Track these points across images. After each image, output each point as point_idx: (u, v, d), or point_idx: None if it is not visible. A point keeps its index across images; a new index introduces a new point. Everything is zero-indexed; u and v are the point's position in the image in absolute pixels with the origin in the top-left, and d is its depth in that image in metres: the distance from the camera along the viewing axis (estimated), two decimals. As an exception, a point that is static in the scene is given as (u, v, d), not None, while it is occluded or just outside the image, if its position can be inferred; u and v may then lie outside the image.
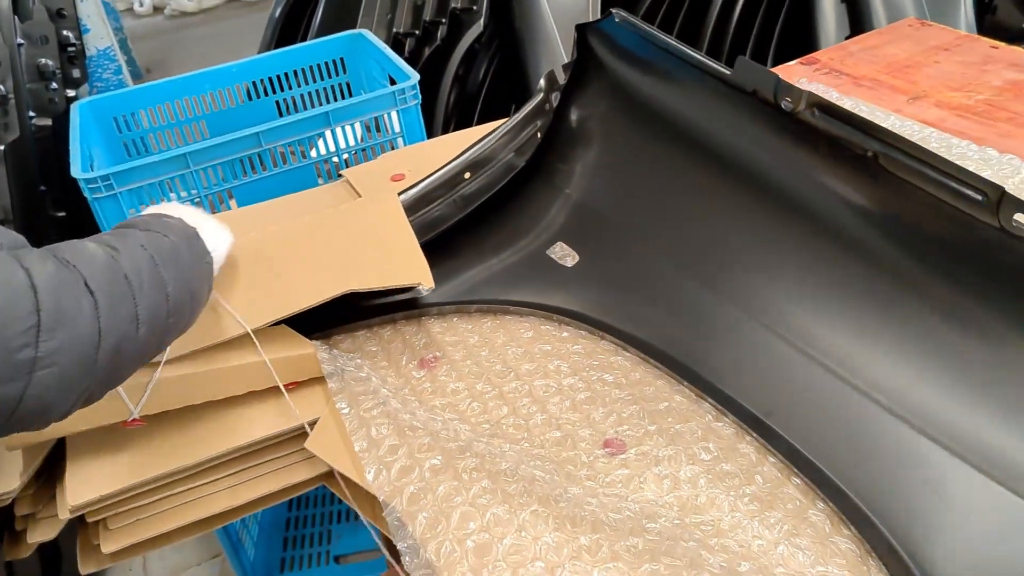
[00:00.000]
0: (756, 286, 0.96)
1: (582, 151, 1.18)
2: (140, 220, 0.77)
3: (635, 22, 1.09)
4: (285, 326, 0.93)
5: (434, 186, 1.09)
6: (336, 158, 1.44)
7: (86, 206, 1.29)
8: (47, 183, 1.61)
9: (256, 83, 1.66)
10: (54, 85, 1.67)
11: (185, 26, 4.97)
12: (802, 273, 0.93)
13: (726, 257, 1.00)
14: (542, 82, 1.16)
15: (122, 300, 0.65)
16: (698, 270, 1.01)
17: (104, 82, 2.01)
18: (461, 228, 1.11)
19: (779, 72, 1.03)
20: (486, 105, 2.24)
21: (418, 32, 2.10)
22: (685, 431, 0.84)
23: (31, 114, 1.63)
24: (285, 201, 1.22)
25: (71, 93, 1.75)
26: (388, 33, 2.09)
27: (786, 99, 0.92)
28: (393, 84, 1.43)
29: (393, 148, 1.43)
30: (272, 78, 1.67)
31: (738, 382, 0.88)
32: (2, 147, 1.47)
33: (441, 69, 2.14)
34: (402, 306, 1.04)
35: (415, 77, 1.40)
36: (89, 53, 1.97)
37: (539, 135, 1.18)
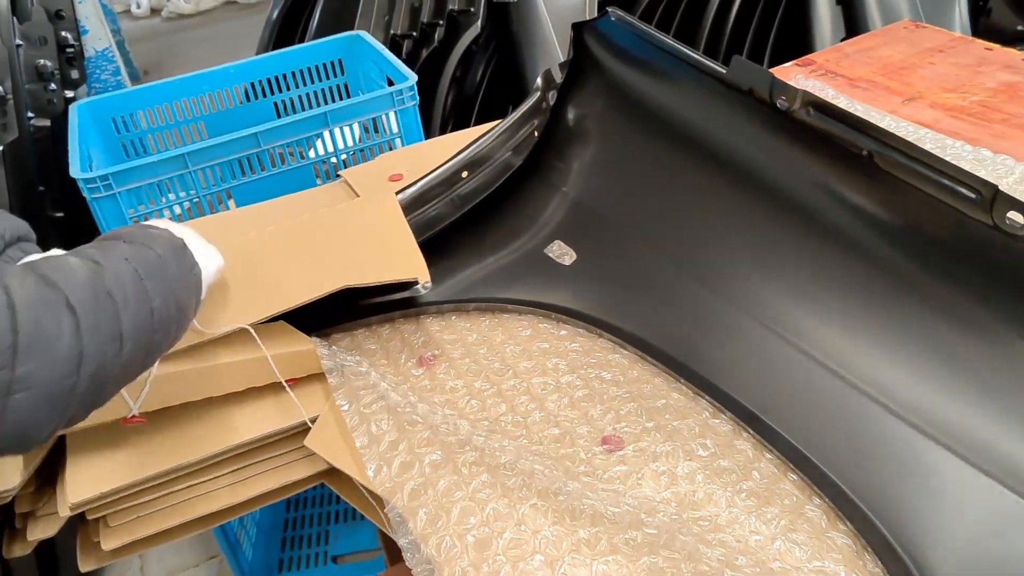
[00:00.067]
0: (753, 284, 0.96)
1: (579, 150, 1.19)
2: (125, 232, 0.74)
3: (631, 21, 1.10)
4: (284, 322, 0.93)
5: (432, 185, 1.10)
6: (334, 158, 1.44)
7: (85, 206, 1.29)
8: (46, 183, 1.61)
9: (254, 84, 1.67)
10: (53, 86, 1.68)
11: (182, 28, 4.97)
12: (798, 270, 0.94)
13: (723, 255, 1.00)
14: (539, 81, 1.16)
15: (105, 318, 0.62)
16: (695, 268, 1.01)
17: (102, 83, 2.01)
18: (459, 227, 1.11)
19: (775, 73, 1.04)
20: (483, 106, 2.24)
21: (415, 34, 2.10)
22: (682, 428, 0.85)
23: (30, 115, 1.63)
24: (283, 201, 1.23)
25: (70, 94, 1.75)
26: (386, 35, 2.09)
27: (781, 98, 0.93)
28: (391, 85, 1.43)
29: (391, 149, 1.44)
30: (270, 79, 1.68)
31: (735, 379, 0.89)
32: (1, 148, 1.47)
33: (438, 71, 2.15)
34: (400, 305, 1.04)
35: (413, 78, 1.41)
36: (88, 54, 1.97)
37: (536, 134, 1.18)
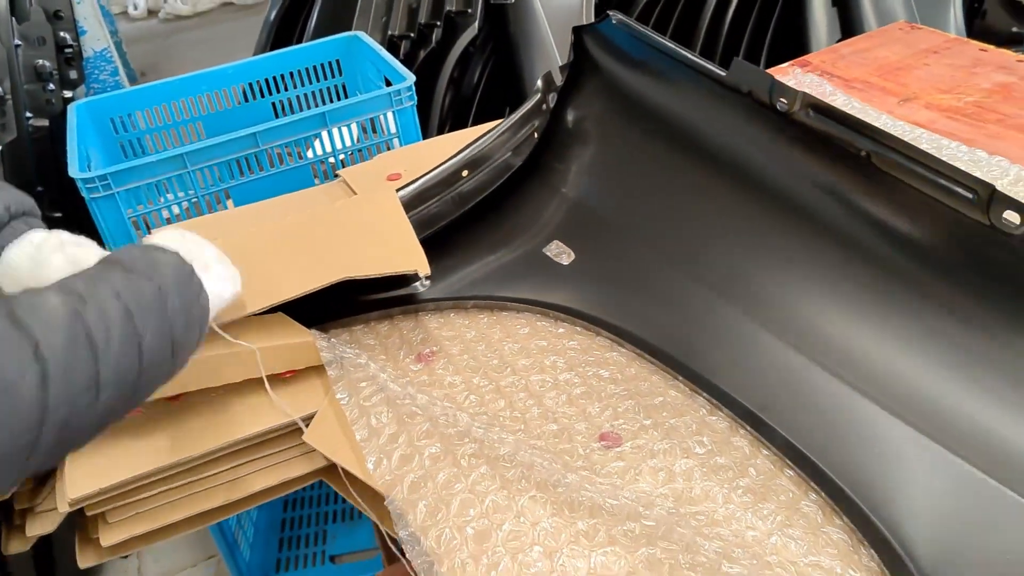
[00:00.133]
0: (750, 283, 0.97)
1: (578, 151, 1.19)
2: (127, 256, 0.69)
3: (632, 24, 1.10)
4: (283, 314, 0.93)
5: (432, 183, 1.10)
6: (332, 158, 1.44)
7: (83, 207, 1.29)
8: (44, 184, 1.61)
9: (252, 85, 1.67)
10: (51, 86, 1.68)
11: (179, 29, 4.97)
12: (795, 270, 0.95)
13: (721, 255, 1.01)
14: (539, 83, 1.17)
15: (80, 365, 0.57)
16: (693, 268, 1.02)
17: (101, 83, 2.02)
18: (458, 226, 1.12)
19: (772, 74, 1.05)
20: (481, 108, 2.25)
21: (413, 35, 2.11)
22: (680, 425, 0.85)
23: (28, 115, 1.63)
24: (282, 200, 1.23)
25: (68, 94, 1.75)
26: (383, 36, 2.10)
27: (781, 100, 0.93)
28: (389, 86, 1.43)
29: (389, 149, 1.44)
30: (268, 80, 1.68)
31: (732, 377, 0.89)
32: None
33: (436, 72, 2.15)
34: (399, 302, 1.04)
35: (411, 78, 1.41)
36: (86, 54, 1.98)
37: (536, 135, 1.19)
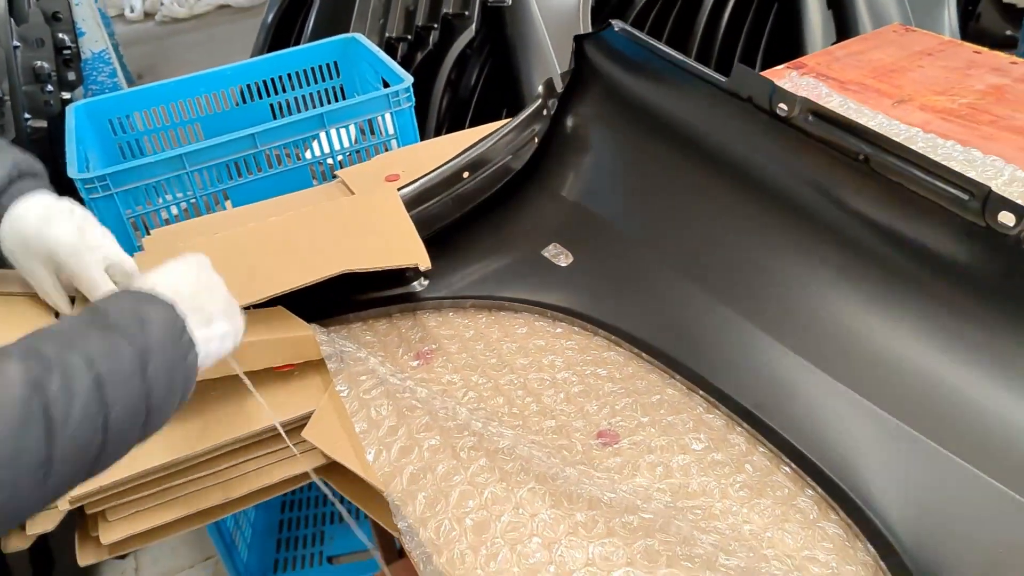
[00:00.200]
0: (747, 284, 0.97)
1: (578, 155, 1.20)
2: (114, 309, 0.63)
3: (633, 32, 1.11)
4: (283, 308, 0.94)
5: (433, 184, 1.11)
6: (331, 159, 1.45)
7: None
8: (42, 185, 1.61)
9: (250, 87, 1.67)
10: (50, 87, 1.68)
11: (176, 32, 4.98)
12: (792, 271, 0.95)
13: (718, 257, 1.02)
14: (540, 88, 1.18)
15: (30, 445, 0.52)
16: (691, 270, 1.02)
17: (99, 85, 2.02)
18: (457, 227, 1.13)
19: (767, 76, 1.06)
20: (478, 110, 2.26)
21: (410, 37, 2.12)
22: (677, 422, 0.86)
23: (27, 116, 1.64)
24: (281, 201, 1.23)
25: (66, 95, 1.76)
26: (380, 38, 2.11)
27: (781, 105, 0.94)
28: (386, 87, 1.44)
29: (387, 150, 1.45)
30: (266, 81, 1.69)
31: (729, 376, 0.90)
32: (-2, 148, 1.48)
33: (433, 74, 2.16)
34: (397, 300, 1.05)
35: (409, 80, 1.41)
36: (84, 56, 1.98)
37: (536, 139, 1.20)
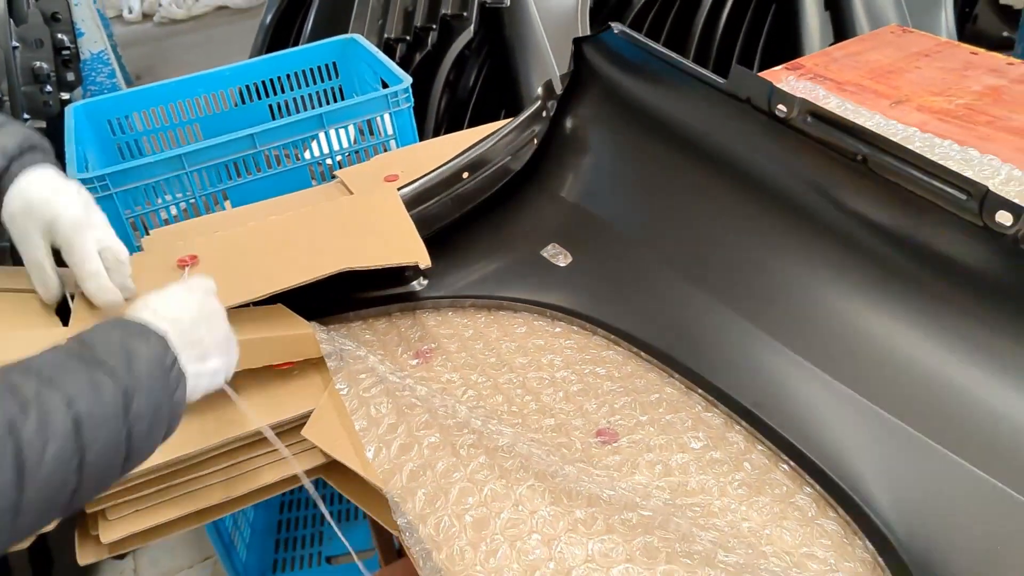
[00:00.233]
0: (746, 284, 0.98)
1: (577, 157, 1.21)
2: (102, 343, 0.62)
3: (633, 34, 1.12)
4: (282, 306, 0.94)
5: (432, 183, 1.11)
6: (329, 160, 1.45)
7: (80, 207, 1.29)
8: (41, 185, 1.61)
9: (249, 87, 1.68)
10: (49, 88, 1.68)
11: (174, 33, 4.97)
12: (790, 270, 0.96)
13: (717, 257, 1.02)
14: (540, 90, 1.18)
15: None
16: (690, 270, 1.03)
17: (98, 85, 2.02)
18: (457, 227, 1.13)
19: (765, 77, 1.06)
20: (476, 111, 2.26)
21: (409, 38, 2.12)
22: (675, 421, 0.86)
23: (26, 116, 1.64)
24: (280, 201, 1.23)
25: (65, 96, 1.76)
26: (379, 39, 2.11)
27: (779, 106, 0.94)
28: (385, 88, 1.44)
29: (386, 150, 1.45)
30: (265, 82, 1.69)
31: (728, 375, 0.90)
32: (-4, 149, 1.48)
33: (432, 75, 2.16)
34: (397, 299, 1.05)
35: (408, 80, 1.42)
36: (83, 57, 1.98)
37: (535, 141, 1.20)
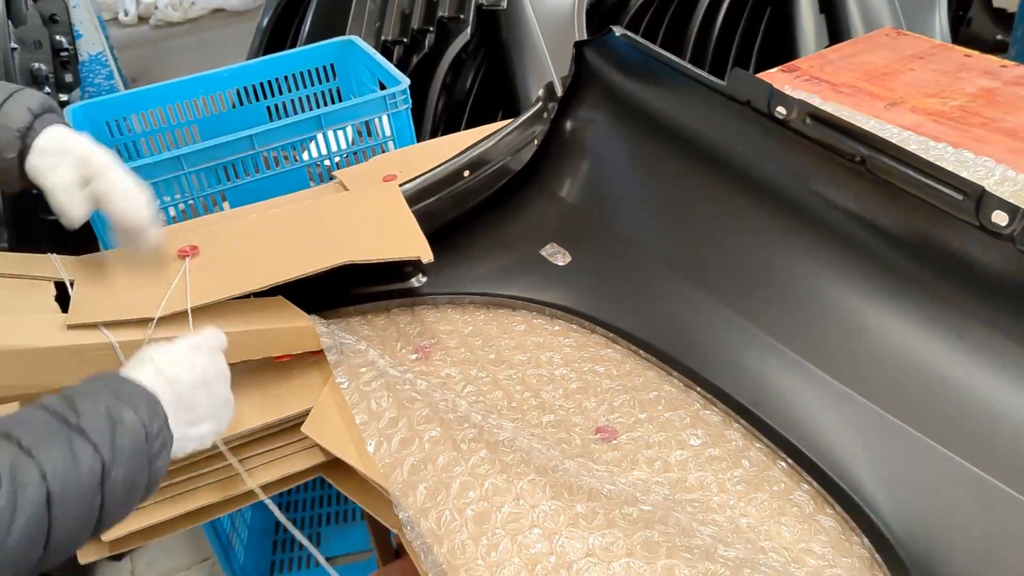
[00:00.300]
0: (745, 283, 0.98)
1: (576, 158, 1.21)
2: (90, 407, 0.61)
3: (634, 38, 1.12)
4: (283, 298, 0.94)
5: (434, 181, 1.11)
6: (328, 161, 1.46)
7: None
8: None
9: (246, 89, 1.68)
10: (47, 89, 1.69)
11: (170, 36, 4.97)
12: (788, 270, 0.96)
13: (716, 257, 1.03)
14: (541, 91, 1.19)
15: None
16: (689, 270, 1.03)
17: (96, 87, 2.02)
18: (458, 224, 1.14)
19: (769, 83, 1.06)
20: (473, 113, 2.27)
21: (406, 40, 2.13)
22: (674, 418, 0.87)
23: (24, 118, 1.64)
24: (279, 202, 1.24)
25: (64, 97, 1.76)
26: (377, 41, 2.12)
27: (779, 108, 0.95)
28: (383, 89, 1.45)
29: (384, 151, 1.45)
30: (262, 84, 1.69)
31: (726, 373, 0.91)
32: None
33: (429, 77, 2.17)
34: (396, 295, 1.06)
35: (406, 82, 1.42)
36: (81, 58, 1.98)
37: (536, 141, 1.21)
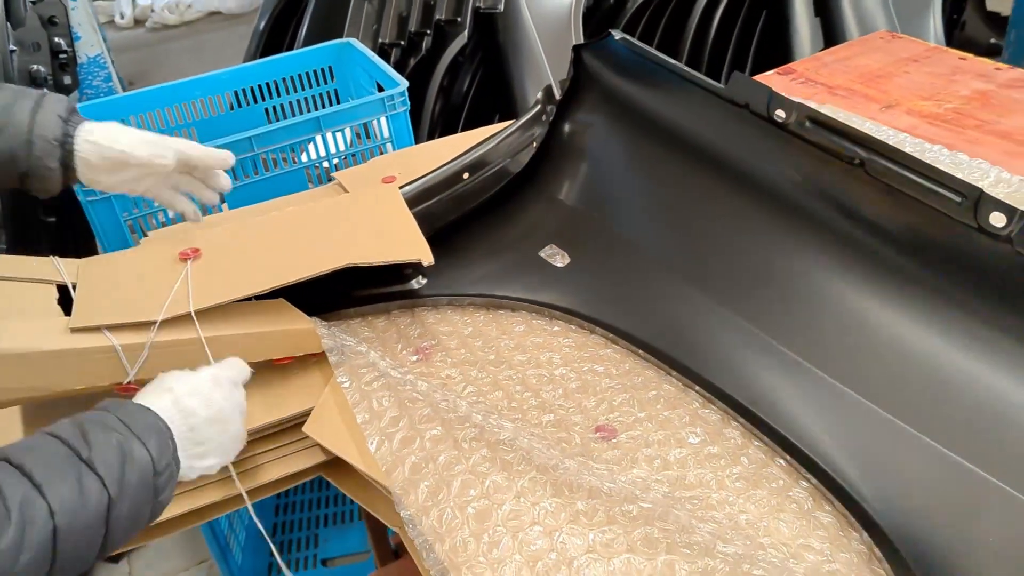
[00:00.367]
0: (743, 284, 0.99)
1: (575, 160, 1.22)
2: (102, 440, 0.64)
3: (632, 41, 1.13)
4: (284, 301, 0.95)
5: (434, 183, 1.12)
6: (326, 163, 1.46)
7: (77, 211, 1.30)
8: (37, 188, 1.61)
9: (244, 91, 1.68)
10: (45, 91, 1.68)
11: (167, 39, 4.97)
12: (787, 271, 0.97)
13: (715, 257, 1.03)
14: (539, 94, 1.20)
15: None
16: (688, 271, 1.04)
17: (94, 89, 2.02)
18: (457, 226, 1.14)
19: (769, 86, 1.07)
20: (470, 116, 2.27)
21: (403, 43, 2.13)
22: (673, 417, 0.88)
23: (22, 119, 1.63)
24: (278, 202, 1.24)
25: (62, 99, 1.76)
26: (374, 43, 2.12)
27: (778, 111, 0.96)
28: (381, 91, 1.45)
29: (382, 153, 1.46)
30: (260, 86, 1.69)
31: (724, 373, 0.91)
32: (-7, 151, 1.48)
33: (426, 79, 2.18)
34: (397, 296, 1.06)
35: (404, 84, 1.43)
36: (80, 60, 1.99)
37: (535, 144, 1.22)
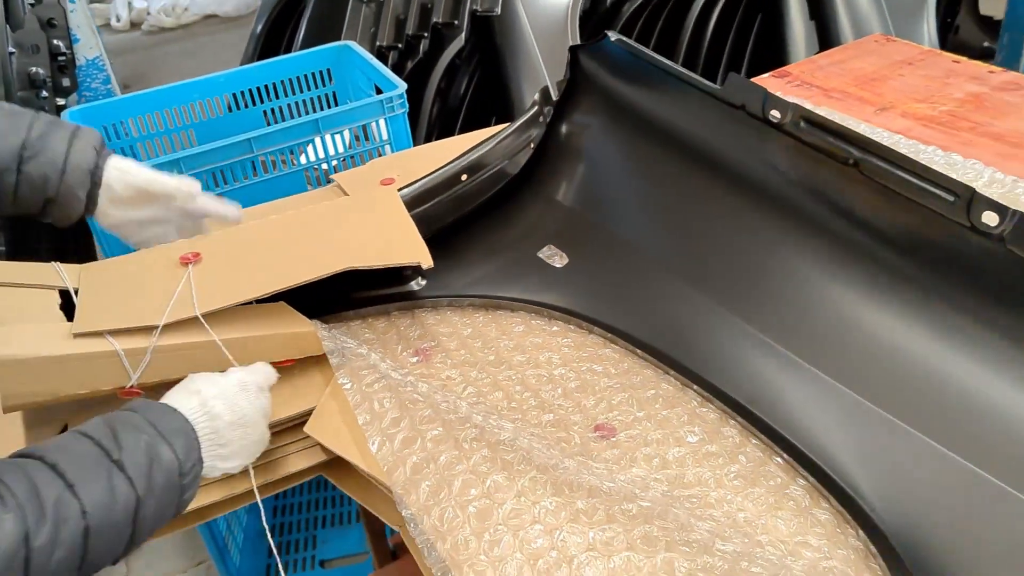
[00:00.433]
0: (740, 283, 1.00)
1: (572, 161, 1.23)
2: (131, 441, 0.67)
3: (629, 43, 1.14)
4: (284, 304, 0.95)
5: (432, 185, 1.13)
6: (325, 165, 1.47)
7: (77, 211, 1.30)
8: (36, 190, 1.62)
9: (242, 93, 1.69)
10: (44, 93, 1.69)
11: (163, 42, 4.97)
12: (783, 271, 0.97)
13: (712, 257, 1.04)
14: (537, 96, 1.21)
15: None
16: (685, 270, 1.05)
17: (93, 91, 2.03)
18: (456, 228, 1.15)
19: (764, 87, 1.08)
20: (467, 118, 2.28)
21: (401, 46, 2.14)
22: (672, 416, 0.88)
23: (21, 121, 1.64)
24: (277, 205, 1.25)
25: (61, 101, 1.76)
26: (371, 46, 2.13)
27: (773, 112, 0.96)
28: (379, 94, 1.46)
29: (381, 155, 1.46)
30: (258, 88, 1.70)
31: (722, 372, 0.92)
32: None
33: (423, 82, 2.19)
34: (396, 298, 1.07)
35: (403, 86, 1.43)
36: (79, 63, 1.99)
37: (532, 145, 1.22)
